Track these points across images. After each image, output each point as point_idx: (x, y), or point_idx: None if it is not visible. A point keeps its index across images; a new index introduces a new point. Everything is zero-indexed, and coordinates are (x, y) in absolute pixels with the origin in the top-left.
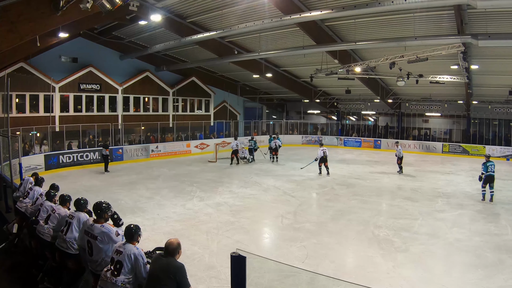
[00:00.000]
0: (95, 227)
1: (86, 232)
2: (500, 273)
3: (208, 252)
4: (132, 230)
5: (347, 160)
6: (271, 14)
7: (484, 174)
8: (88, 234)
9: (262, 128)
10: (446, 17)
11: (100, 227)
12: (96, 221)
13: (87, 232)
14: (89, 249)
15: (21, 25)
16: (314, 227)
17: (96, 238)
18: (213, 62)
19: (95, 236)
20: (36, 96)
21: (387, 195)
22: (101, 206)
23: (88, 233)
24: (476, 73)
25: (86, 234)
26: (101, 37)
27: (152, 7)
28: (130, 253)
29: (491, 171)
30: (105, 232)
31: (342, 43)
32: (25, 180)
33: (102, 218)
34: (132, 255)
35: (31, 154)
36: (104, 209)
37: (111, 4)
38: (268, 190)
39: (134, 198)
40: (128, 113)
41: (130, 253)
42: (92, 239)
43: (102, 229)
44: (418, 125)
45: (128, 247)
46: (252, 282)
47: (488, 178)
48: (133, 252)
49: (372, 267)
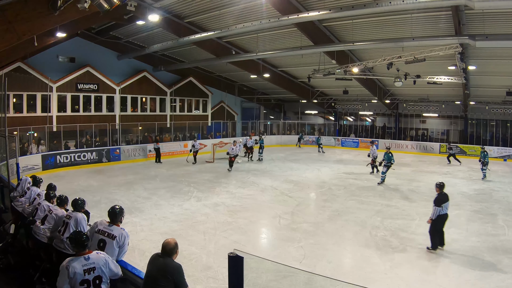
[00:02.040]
0: (114, 227)
1: (101, 231)
2: (497, 273)
3: (205, 252)
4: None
5: (344, 160)
6: (269, 14)
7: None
8: (105, 233)
9: (259, 128)
10: (444, 18)
11: (121, 229)
12: (114, 223)
13: (103, 231)
14: (100, 248)
15: (18, 24)
16: (311, 228)
17: (115, 238)
18: (210, 62)
19: (114, 235)
20: (34, 96)
21: (384, 196)
22: (116, 210)
23: (105, 233)
24: (474, 73)
25: (100, 233)
26: (99, 37)
27: (150, 7)
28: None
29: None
30: (126, 237)
31: (339, 44)
32: (22, 180)
33: (119, 221)
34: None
35: (28, 154)
36: (119, 213)
37: (109, 4)
38: (265, 191)
39: (132, 198)
40: (125, 113)
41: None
42: (109, 238)
43: (122, 232)
44: (416, 126)
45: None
46: (249, 283)
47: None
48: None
49: (370, 268)
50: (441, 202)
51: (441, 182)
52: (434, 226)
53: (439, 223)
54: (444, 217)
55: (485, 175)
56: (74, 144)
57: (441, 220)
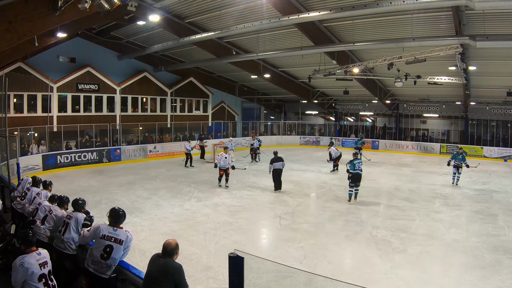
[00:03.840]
0: (119, 231)
1: (107, 237)
2: (498, 274)
3: (206, 252)
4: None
5: (345, 160)
6: (269, 14)
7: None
8: (111, 239)
9: (260, 129)
10: (444, 18)
11: (126, 232)
12: (116, 226)
13: (109, 237)
14: (106, 254)
15: (19, 25)
16: (311, 228)
17: (122, 243)
18: (211, 63)
19: (121, 240)
20: (34, 96)
21: (384, 196)
22: (119, 213)
23: (111, 238)
24: (474, 74)
25: (106, 239)
26: (99, 37)
27: (150, 7)
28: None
29: (358, 169)
30: (131, 239)
31: (340, 44)
32: (23, 180)
33: (120, 223)
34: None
35: (29, 154)
36: (122, 215)
37: (110, 4)
38: (265, 191)
39: (132, 198)
40: (126, 114)
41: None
42: (116, 244)
43: (128, 235)
44: (416, 126)
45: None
46: (250, 283)
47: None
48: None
49: (370, 268)
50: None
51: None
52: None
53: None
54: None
55: (458, 180)
56: (75, 144)
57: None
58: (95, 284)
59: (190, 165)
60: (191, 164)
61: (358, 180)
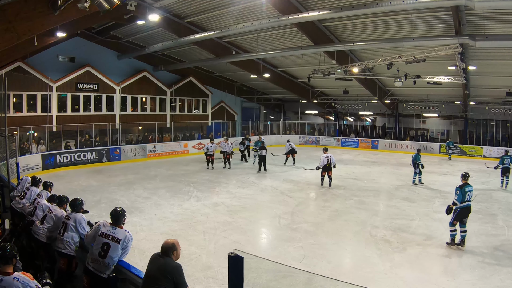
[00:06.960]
0: (118, 230)
1: (105, 234)
2: (497, 274)
3: (205, 252)
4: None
5: (344, 160)
6: (269, 14)
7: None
8: (109, 237)
9: (259, 129)
10: (444, 18)
11: (125, 232)
12: (117, 225)
13: (107, 234)
14: (104, 251)
15: (18, 24)
16: (311, 228)
17: (119, 241)
18: (210, 62)
19: (119, 239)
20: (34, 96)
21: (384, 196)
22: (118, 212)
23: (109, 236)
24: (474, 74)
25: (104, 236)
26: (99, 37)
27: (150, 7)
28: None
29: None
30: (130, 239)
31: (340, 44)
32: (23, 180)
33: (122, 223)
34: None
35: (28, 154)
36: (122, 214)
37: (109, 4)
38: (265, 190)
39: (131, 198)
40: (125, 113)
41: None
42: (113, 242)
43: (127, 234)
44: (416, 126)
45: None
46: (249, 283)
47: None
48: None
49: (369, 268)
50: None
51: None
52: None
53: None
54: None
55: (420, 181)
56: (74, 143)
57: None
58: (96, 283)
59: (211, 167)
60: (212, 166)
61: (466, 216)
